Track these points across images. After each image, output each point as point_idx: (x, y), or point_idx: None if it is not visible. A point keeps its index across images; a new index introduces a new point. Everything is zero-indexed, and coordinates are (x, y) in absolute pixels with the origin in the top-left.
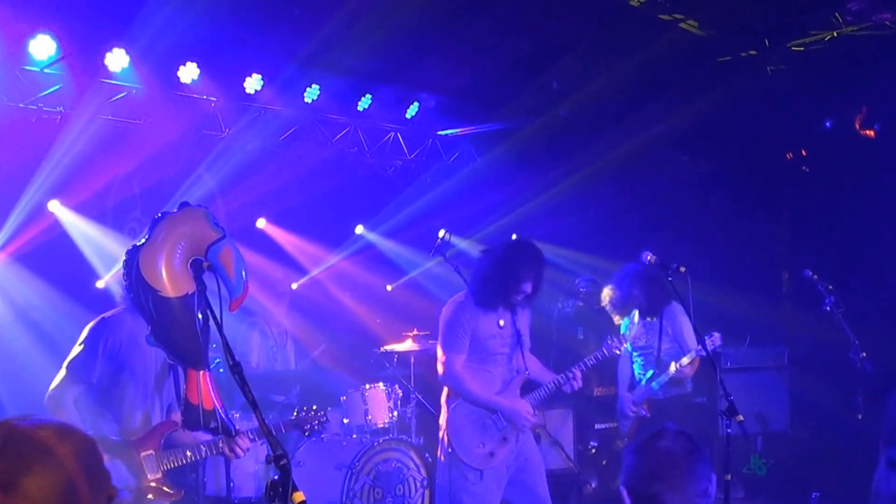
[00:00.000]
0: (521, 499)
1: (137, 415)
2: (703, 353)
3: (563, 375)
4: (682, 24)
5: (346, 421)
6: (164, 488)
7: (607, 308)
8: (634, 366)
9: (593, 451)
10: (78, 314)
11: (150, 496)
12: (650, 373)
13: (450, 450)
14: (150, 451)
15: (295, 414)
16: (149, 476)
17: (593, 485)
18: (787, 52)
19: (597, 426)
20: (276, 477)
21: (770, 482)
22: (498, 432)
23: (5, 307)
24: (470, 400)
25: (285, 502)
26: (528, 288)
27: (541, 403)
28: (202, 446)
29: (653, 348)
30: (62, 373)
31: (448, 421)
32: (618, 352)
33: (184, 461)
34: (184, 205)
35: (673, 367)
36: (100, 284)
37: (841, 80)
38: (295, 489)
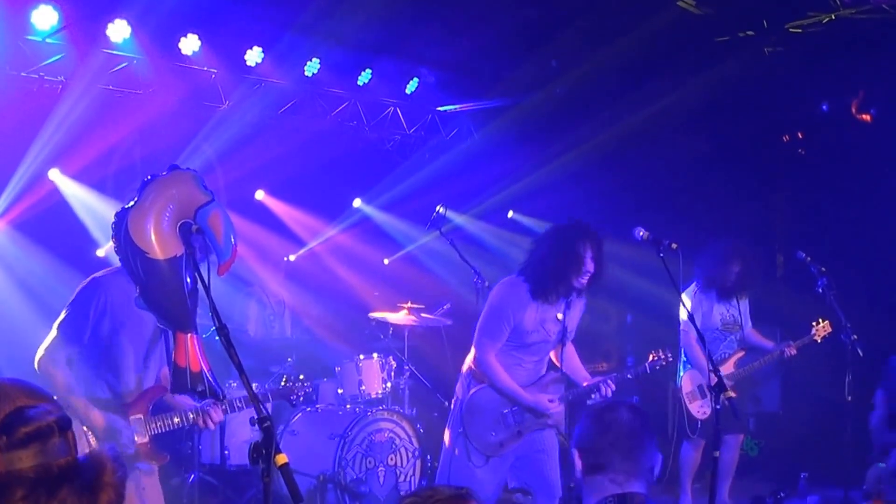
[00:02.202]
0: (531, 481)
1: (131, 378)
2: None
3: (601, 380)
4: (680, 3)
5: (340, 391)
6: (151, 452)
7: (693, 293)
8: (715, 346)
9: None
10: (77, 283)
11: (137, 459)
12: (740, 353)
13: (461, 429)
14: (139, 415)
15: (284, 382)
16: (136, 439)
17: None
18: (785, 33)
19: (588, 401)
20: (259, 439)
21: (761, 462)
22: (515, 426)
23: (4, 275)
24: (496, 388)
25: (269, 463)
26: (590, 268)
27: (568, 402)
28: (189, 412)
29: (740, 327)
30: (53, 333)
31: (467, 402)
32: (664, 364)
33: (171, 426)
34: (173, 167)
35: (793, 350)
36: (100, 253)
37: (839, 64)
38: (278, 451)
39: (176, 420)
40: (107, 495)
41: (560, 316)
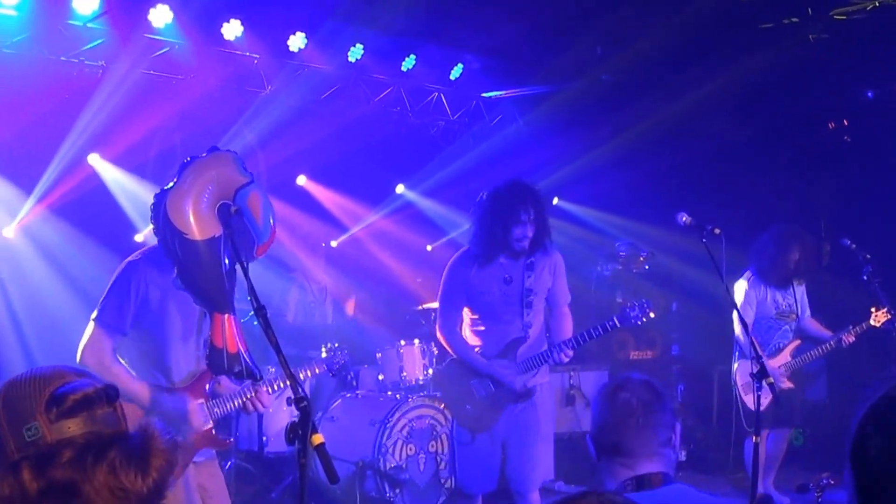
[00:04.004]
0: (512, 467)
1: (181, 363)
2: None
3: (556, 347)
4: None
5: (381, 377)
6: (215, 437)
7: (747, 280)
8: (770, 335)
9: None
10: (116, 268)
11: (202, 445)
12: (796, 342)
13: (440, 403)
14: (201, 399)
15: (324, 353)
16: (203, 425)
17: None
18: (830, 20)
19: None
20: (295, 419)
21: (807, 452)
22: (486, 396)
23: (42, 260)
24: (459, 359)
25: (304, 444)
26: (527, 231)
27: (530, 371)
28: (241, 396)
29: (798, 316)
30: (91, 326)
31: (440, 374)
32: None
33: (231, 409)
34: (212, 149)
35: (851, 337)
36: (138, 238)
37: (884, 50)
38: (315, 431)
39: (237, 402)
40: (158, 460)
41: (510, 277)
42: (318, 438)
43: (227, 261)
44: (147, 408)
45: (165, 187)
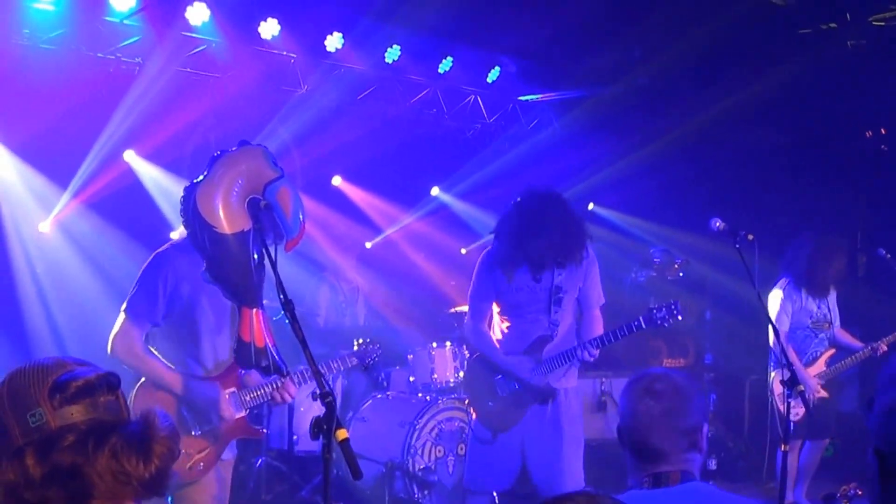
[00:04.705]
0: (536, 471)
1: (216, 355)
2: None
3: (581, 345)
4: None
5: (412, 379)
6: (248, 426)
7: (783, 289)
8: (806, 344)
9: None
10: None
11: (235, 434)
12: (831, 351)
13: (466, 401)
14: (233, 388)
15: (357, 346)
16: (235, 414)
17: None
18: (868, 26)
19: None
20: (321, 414)
21: (836, 462)
22: (509, 394)
23: (77, 255)
24: (482, 354)
25: (329, 438)
26: (552, 245)
27: (555, 370)
28: (268, 386)
29: (831, 325)
30: (121, 317)
31: (466, 370)
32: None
33: (265, 398)
34: (243, 143)
35: (884, 346)
36: (174, 235)
37: None
38: (339, 426)
39: (268, 390)
40: (160, 447)
41: (539, 277)
42: (342, 433)
43: (255, 255)
44: (179, 396)
45: (195, 180)
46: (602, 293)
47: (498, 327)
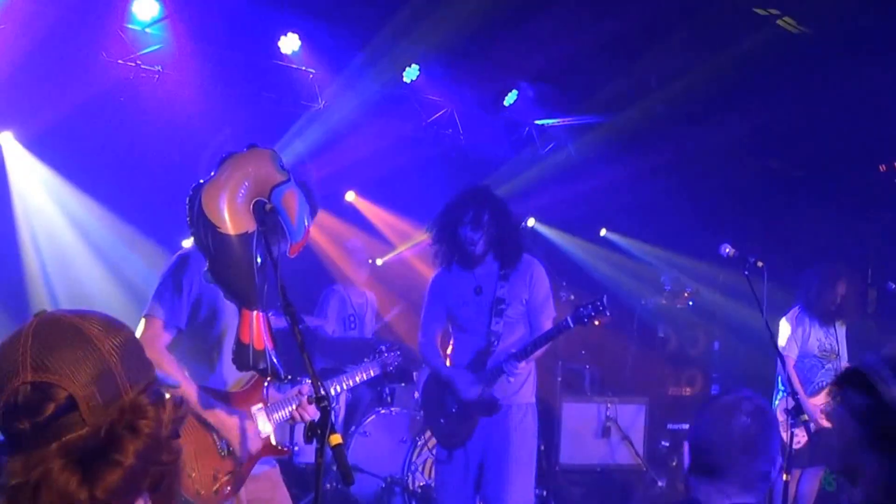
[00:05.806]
0: (485, 488)
1: (231, 366)
2: None
3: (505, 359)
4: (780, 21)
5: (416, 395)
6: (275, 445)
7: (794, 317)
8: (813, 373)
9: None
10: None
11: (263, 453)
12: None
13: (420, 416)
14: (259, 404)
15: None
16: (261, 431)
17: (661, 484)
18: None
19: (669, 426)
20: (315, 419)
21: (835, 499)
22: (458, 409)
23: (94, 258)
24: (433, 370)
25: (322, 443)
26: (475, 235)
27: (495, 383)
28: (291, 405)
29: (838, 356)
30: (143, 322)
31: (420, 388)
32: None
33: (287, 415)
34: (252, 145)
35: None
36: (186, 244)
37: None
38: (333, 431)
39: (291, 408)
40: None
41: (482, 288)
42: (335, 438)
43: (258, 258)
44: (199, 414)
45: (202, 180)
46: (553, 308)
47: (436, 341)
